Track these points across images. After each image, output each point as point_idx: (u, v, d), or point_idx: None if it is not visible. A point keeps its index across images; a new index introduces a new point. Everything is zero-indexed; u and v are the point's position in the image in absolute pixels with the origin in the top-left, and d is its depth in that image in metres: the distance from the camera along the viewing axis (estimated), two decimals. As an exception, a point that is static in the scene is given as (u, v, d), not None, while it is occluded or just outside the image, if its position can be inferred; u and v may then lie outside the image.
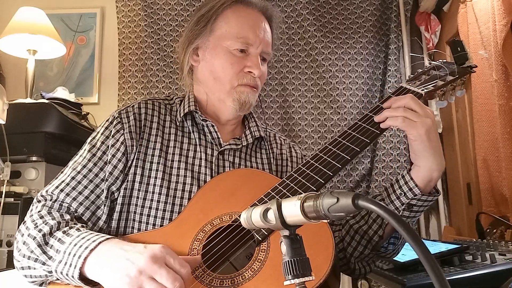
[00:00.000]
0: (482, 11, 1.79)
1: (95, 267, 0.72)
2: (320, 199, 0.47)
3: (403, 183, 0.87)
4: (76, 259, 0.72)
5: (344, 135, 0.90)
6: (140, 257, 0.69)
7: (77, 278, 0.72)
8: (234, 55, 0.96)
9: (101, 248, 0.73)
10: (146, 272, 0.67)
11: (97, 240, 0.74)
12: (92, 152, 0.92)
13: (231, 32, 0.96)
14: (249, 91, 0.97)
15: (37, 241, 0.78)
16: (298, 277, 0.50)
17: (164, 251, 0.70)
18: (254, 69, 0.96)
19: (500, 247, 1.18)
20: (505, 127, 1.63)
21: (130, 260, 0.69)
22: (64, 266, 0.74)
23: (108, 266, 0.71)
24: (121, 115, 0.96)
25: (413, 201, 0.86)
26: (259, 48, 0.97)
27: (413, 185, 0.85)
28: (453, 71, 0.98)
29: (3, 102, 1.56)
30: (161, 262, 0.69)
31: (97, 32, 2.60)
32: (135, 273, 0.67)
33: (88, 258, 0.72)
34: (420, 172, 0.85)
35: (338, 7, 2.55)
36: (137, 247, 0.72)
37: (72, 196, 0.87)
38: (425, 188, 0.85)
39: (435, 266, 0.39)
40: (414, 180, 0.85)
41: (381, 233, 0.89)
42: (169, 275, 0.67)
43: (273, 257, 0.74)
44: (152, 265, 0.68)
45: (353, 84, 2.44)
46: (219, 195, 0.88)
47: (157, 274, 0.67)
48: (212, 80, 0.99)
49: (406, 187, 0.86)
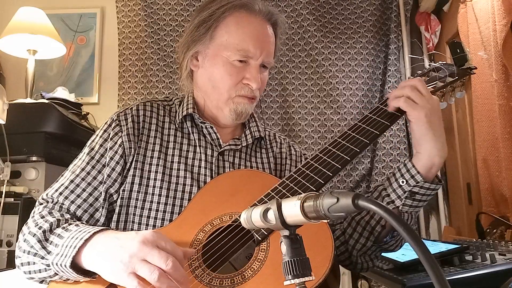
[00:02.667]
0: (482, 11, 1.79)
1: (89, 256, 0.73)
2: (320, 199, 0.47)
3: (405, 171, 0.87)
4: (71, 250, 0.73)
5: (344, 136, 0.90)
6: (132, 242, 0.69)
7: (69, 266, 0.73)
8: (233, 66, 0.95)
9: (95, 239, 0.74)
10: (138, 255, 0.68)
11: (92, 231, 0.75)
12: (90, 155, 0.93)
13: (232, 42, 0.94)
14: (246, 102, 0.97)
15: (37, 237, 0.80)
16: (298, 277, 0.50)
17: (155, 235, 0.70)
18: (253, 82, 0.95)
19: (500, 247, 1.18)
20: (505, 127, 1.63)
21: (122, 247, 0.70)
22: (60, 257, 0.75)
23: (102, 254, 0.72)
24: (120, 118, 0.96)
25: (415, 189, 0.85)
26: (259, 60, 0.95)
27: (415, 172, 0.85)
28: (453, 73, 0.98)
29: (3, 102, 1.56)
30: (153, 245, 0.69)
31: (97, 32, 2.60)
32: (127, 258, 0.68)
33: (83, 248, 0.73)
34: (421, 159, 0.85)
35: (338, 7, 2.55)
36: (129, 234, 0.73)
37: (71, 199, 0.88)
38: (427, 175, 0.85)
39: (435, 266, 0.39)
40: (415, 167, 0.85)
41: (383, 222, 0.89)
42: (161, 254, 0.67)
43: (272, 257, 0.75)
44: (143, 248, 0.68)
45: (353, 84, 2.44)
46: (219, 195, 0.88)
47: (148, 256, 0.67)
48: (211, 88, 0.98)
49: (408, 174, 0.86)
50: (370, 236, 0.90)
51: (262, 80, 0.98)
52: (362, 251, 0.92)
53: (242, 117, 0.98)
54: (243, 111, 0.97)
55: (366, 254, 0.93)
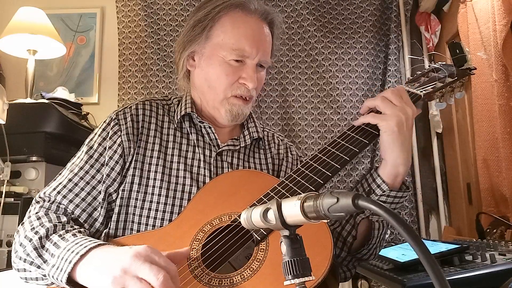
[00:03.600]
0: (482, 11, 1.79)
1: (84, 272, 0.72)
2: (320, 199, 0.47)
3: (371, 180, 0.88)
4: (66, 264, 0.72)
5: (343, 136, 0.90)
6: (124, 255, 0.68)
7: (65, 282, 0.72)
8: (229, 65, 0.94)
9: (91, 254, 0.73)
10: (130, 270, 0.67)
11: (88, 245, 0.74)
12: (89, 154, 0.92)
13: (227, 42, 0.94)
14: (241, 103, 0.96)
15: (33, 244, 0.78)
16: (298, 277, 0.50)
17: (148, 249, 0.69)
18: (249, 82, 0.94)
19: (500, 247, 1.18)
20: (505, 127, 1.63)
21: (115, 261, 0.69)
22: (56, 270, 0.74)
23: (96, 270, 0.70)
24: (119, 117, 0.96)
25: (382, 198, 0.86)
26: (255, 59, 0.95)
27: (381, 181, 0.87)
28: (452, 73, 0.99)
29: (3, 102, 1.56)
30: (145, 259, 0.67)
31: (97, 32, 2.60)
32: (119, 273, 0.67)
33: (78, 263, 0.72)
34: (386, 168, 0.87)
35: (338, 7, 2.54)
36: (123, 249, 0.72)
37: (69, 198, 0.88)
38: (393, 184, 0.87)
39: (435, 266, 0.39)
40: (381, 176, 0.87)
41: (354, 233, 0.90)
42: (152, 268, 0.66)
43: (272, 257, 0.75)
44: (135, 262, 0.67)
45: (353, 84, 2.44)
46: (218, 195, 0.88)
47: (140, 271, 0.66)
48: (207, 88, 0.98)
49: (374, 184, 0.88)
50: (343, 246, 0.91)
51: (259, 79, 0.97)
52: (338, 261, 0.93)
53: (238, 118, 0.98)
54: (239, 112, 0.97)
55: (342, 264, 0.94)
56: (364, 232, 0.91)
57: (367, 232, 0.91)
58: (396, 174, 0.86)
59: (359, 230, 0.89)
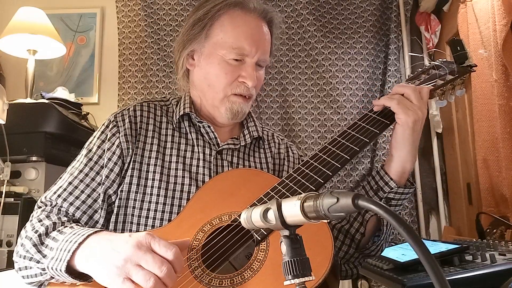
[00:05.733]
0: (482, 11, 1.79)
1: (83, 260, 0.72)
2: (320, 199, 0.47)
3: (378, 178, 0.90)
4: (65, 254, 0.73)
5: (344, 135, 0.90)
6: (125, 245, 0.68)
7: (64, 271, 0.72)
8: (229, 64, 0.95)
9: (89, 241, 0.73)
10: (132, 260, 0.66)
11: (85, 233, 0.74)
12: (88, 157, 0.93)
13: (227, 41, 0.94)
14: (241, 101, 0.97)
15: (33, 241, 0.79)
16: (298, 277, 0.50)
17: (149, 237, 0.69)
18: (248, 80, 0.95)
19: (500, 247, 1.18)
20: (505, 127, 1.63)
21: (115, 250, 0.68)
22: (55, 261, 0.74)
23: (95, 257, 0.70)
24: (117, 119, 0.96)
25: (390, 195, 0.88)
26: (254, 58, 0.95)
27: (388, 179, 0.88)
28: (453, 70, 0.98)
29: (3, 102, 1.56)
30: (146, 248, 0.67)
31: (97, 32, 2.60)
32: (121, 262, 0.66)
33: (77, 251, 0.72)
34: (393, 165, 0.88)
35: (338, 7, 2.54)
36: (122, 237, 0.71)
37: (69, 201, 0.88)
38: (400, 180, 0.88)
39: (435, 266, 0.39)
40: (388, 174, 0.88)
41: (362, 230, 0.91)
42: (155, 260, 0.66)
43: (272, 257, 0.74)
44: (137, 252, 0.67)
45: (353, 84, 2.44)
46: (218, 195, 0.88)
47: (142, 261, 0.66)
48: (206, 87, 0.98)
49: (382, 182, 0.89)
50: (351, 243, 0.92)
51: (258, 78, 0.98)
52: (345, 258, 0.93)
53: (238, 116, 0.98)
54: (239, 110, 0.97)
55: (349, 261, 0.94)
56: (372, 229, 0.92)
57: (375, 229, 0.92)
58: (403, 170, 0.88)
59: (367, 227, 0.91)
